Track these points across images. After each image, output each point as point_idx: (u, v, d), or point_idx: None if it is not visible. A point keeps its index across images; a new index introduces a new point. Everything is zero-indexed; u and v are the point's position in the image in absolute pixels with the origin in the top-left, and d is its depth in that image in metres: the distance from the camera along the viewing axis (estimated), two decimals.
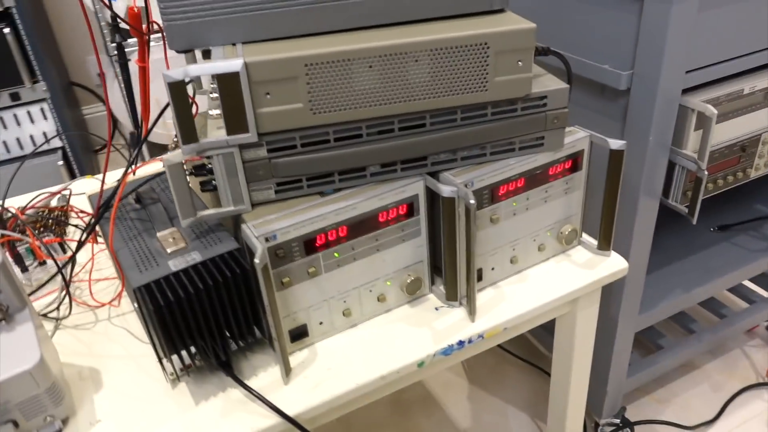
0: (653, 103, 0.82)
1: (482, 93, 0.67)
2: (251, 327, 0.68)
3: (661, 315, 1.10)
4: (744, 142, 0.94)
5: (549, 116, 0.72)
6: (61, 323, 0.79)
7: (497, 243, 0.78)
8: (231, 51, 0.63)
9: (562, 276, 0.81)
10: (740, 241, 1.22)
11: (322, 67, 0.62)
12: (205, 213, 0.66)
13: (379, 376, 0.69)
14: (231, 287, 0.63)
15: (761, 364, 1.37)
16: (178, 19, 0.62)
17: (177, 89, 0.58)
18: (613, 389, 1.14)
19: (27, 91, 1.77)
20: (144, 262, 0.64)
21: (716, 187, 0.95)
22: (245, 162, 0.65)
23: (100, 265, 0.89)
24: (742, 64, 0.87)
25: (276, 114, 0.63)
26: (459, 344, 0.73)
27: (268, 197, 0.68)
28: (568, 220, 0.83)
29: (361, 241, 0.70)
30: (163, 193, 0.77)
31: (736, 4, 0.81)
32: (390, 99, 0.65)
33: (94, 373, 0.72)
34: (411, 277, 0.75)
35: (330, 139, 0.66)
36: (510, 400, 1.33)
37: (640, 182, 0.89)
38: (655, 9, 0.77)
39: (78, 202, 1.01)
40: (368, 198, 0.68)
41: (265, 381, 0.68)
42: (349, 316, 0.74)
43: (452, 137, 0.70)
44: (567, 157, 0.78)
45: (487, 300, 0.78)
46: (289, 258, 0.66)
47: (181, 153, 0.62)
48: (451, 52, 0.64)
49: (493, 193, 0.74)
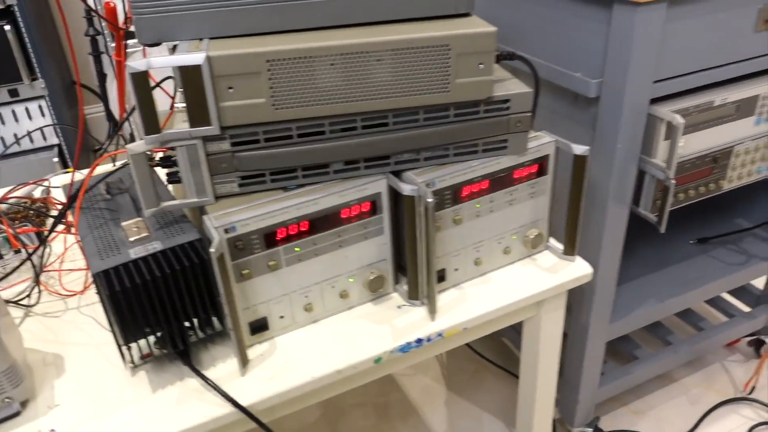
0: (621, 111, 0.83)
1: (444, 94, 0.69)
2: (211, 318, 0.69)
3: (634, 325, 1.10)
4: (715, 154, 0.95)
5: (512, 119, 0.73)
6: (31, 311, 0.81)
7: (460, 244, 0.79)
8: (196, 45, 0.65)
9: (526, 279, 0.82)
10: (718, 254, 1.22)
11: (284, 64, 0.63)
12: (168, 204, 0.68)
13: (335, 370, 0.70)
14: (189, 276, 0.65)
15: (741, 379, 1.36)
16: (147, 13, 0.64)
17: (140, 79, 0.60)
18: (585, 397, 1.14)
19: (25, 87, 1.79)
20: (106, 250, 0.66)
21: (688, 198, 0.96)
22: (209, 155, 0.66)
23: (76, 257, 0.91)
24: (712, 76, 0.88)
25: (238, 108, 0.64)
26: (417, 342, 0.74)
27: (232, 190, 0.70)
28: (534, 225, 0.84)
29: (323, 236, 0.71)
30: (133, 185, 0.79)
31: (705, 17, 0.82)
32: (352, 97, 0.67)
33: (58, 359, 0.73)
34: (373, 275, 0.76)
35: (293, 134, 0.68)
36: (486, 407, 1.34)
37: (609, 189, 0.90)
38: (621, 19, 0.78)
39: (60, 194, 1.03)
40: (330, 194, 0.70)
41: (223, 372, 0.70)
42: (311, 311, 0.75)
43: (415, 137, 0.71)
44: (533, 161, 0.79)
45: (450, 300, 0.79)
46: (249, 250, 0.67)
47: (143, 143, 0.63)
48: (413, 52, 0.66)
49: (456, 193, 0.75)
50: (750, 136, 0.97)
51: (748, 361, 1.41)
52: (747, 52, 0.89)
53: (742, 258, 1.22)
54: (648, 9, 0.76)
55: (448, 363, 1.46)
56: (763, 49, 0.90)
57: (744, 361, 1.42)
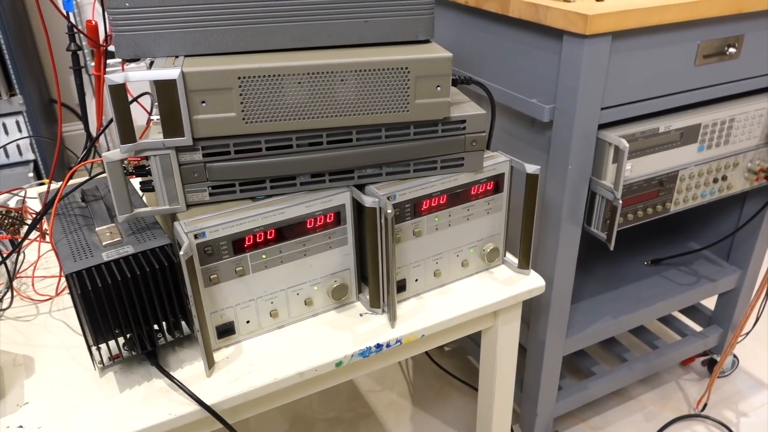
0: (571, 135, 0.89)
1: (404, 113, 0.74)
2: (179, 321, 0.72)
3: (590, 340, 1.15)
4: (662, 177, 1.01)
5: (468, 139, 0.79)
6: (3, 315, 0.83)
7: (420, 256, 0.83)
8: (171, 62, 0.69)
9: (483, 290, 0.86)
10: (671, 275, 1.29)
11: (254, 81, 0.68)
12: (141, 210, 0.71)
13: (296, 373, 0.73)
14: (158, 279, 0.68)
15: (694, 397, 1.42)
16: (125, 30, 0.68)
17: (117, 92, 0.64)
18: (544, 411, 1.18)
19: (3, 103, 1.82)
20: (80, 253, 0.69)
21: (636, 218, 1.02)
22: (181, 164, 0.70)
23: (49, 264, 0.93)
24: (656, 105, 0.95)
25: (210, 121, 0.69)
26: (377, 347, 0.77)
27: (203, 199, 0.73)
28: (491, 239, 0.89)
29: (289, 245, 0.75)
30: (108, 193, 0.82)
31: (647, 50, 0.89)
32: (318, 114, 0.71)
33: (28, 360, 0.75)
34: (337, 283, 0.80)
35: (262, 147, 0.72)
36: (451, 422, 1.37)
37: (563, 209, 0.95)
38: (571, 50, 0.85)
39: (35, 204, 1.05)
40: (296, 204, 0.74)
41: (189, 373, 0.72)
42: (276, 317, 0.78)
43: (377, 152, 0.76)
44: (488, 179, 0.84)
45: (409, 309, 0.83)
46: (218, 256, 0.71)
47: (118, 152, 0.67)
48: (375, 74, 0.71)
49: (416, 207, 0.80)
50: (694, 162, 1.04)
51: (702, 380, 1.47)
52: (688, 84, 0.96)
53: (693, 278, 1.28)
54: (594, 41, 0.83)
55: (415, 379, 1.49)
56: (703, 81, 0.98)
57: (698, 379, 1.47)
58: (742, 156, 1.09)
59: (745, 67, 1.00)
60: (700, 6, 0.87)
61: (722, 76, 0.99)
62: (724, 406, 1.40)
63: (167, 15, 0.68)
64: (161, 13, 0.68)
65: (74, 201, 0.81)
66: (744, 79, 1.01)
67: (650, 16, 0.84)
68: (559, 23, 0.84)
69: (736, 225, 1.28)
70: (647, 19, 0.84)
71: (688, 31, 0.91)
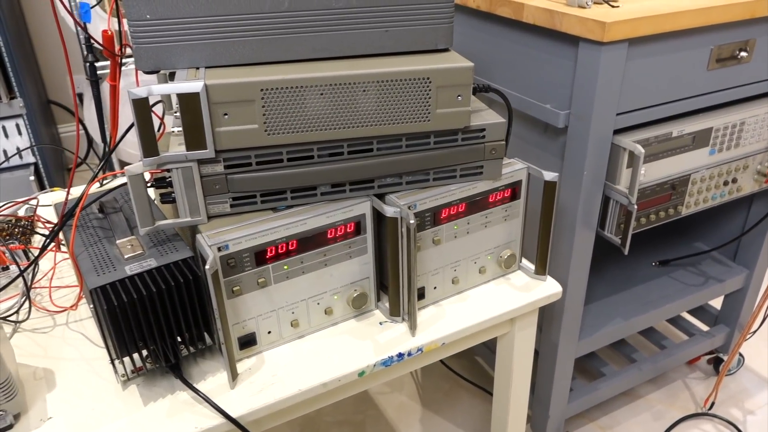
0: (587, 140, 0.89)
1: (425, 123, 0.74)
2: (202, 333, 0.72)
3: (601, 342, 1.16)
4: (674, 181, 1.02)
5: (487, 147, 0.79)
6: (20, 326, 0.82)
7: (439, 263, 0.83)
8: (194, 74, 0.69)
9: (500, 297, 0.87)
10: (679, 276, 1.30)
11: (277, 93, 0.67)
12: (162, 223, 0.71)
13: (320, 383, 0.73)
14: (183, 292, 0.68)
15: (701, 395, 1.43)
16: (146, 42, 0.68)
17: (140, 105, 0.63)
18: (556, 413, 1.19)
19: (3, 106, 1.80)
20: (102, 267, 0.68)
21: (649, 222, 1.03)
22: (203, 176, 0.70)
23: (62, 274, 0.93)
24: (670, 109, 0.95)
25: (233, 133, 0.68)
26: (399, 356, 0.78)
27: (224, 211, 0.73)
28: (507, 246, 0.89)
29: (310, 255, 0.75)
30: (126, 204, 0.82)
31: (662, 56, 0.89)
32: (340, 124, 0.71)
33: (48, 373, 0.75)
34: (357, 292, 0.80)
35: (283, 158, 0.72)
36: (461, 424, 1.37)
37: (577, 214, 0.95)
38: (587, 57, 0.85)
39: (44, 213, 1.05)
40: (317, 215, 0.74)
41: (213, 385, 0.72)
42: (297, 327, 0.78)
43: (397, 162, 0.76)
44: (506, 186, 0.84)
45: (429, 317, 0.83)
46: (240, 268, 0.71)
47: (141, 165, 0.67)
48: (397, 84, 0.71)
49: (436, 216, 0.80)
50: (705, 165, 1.04)
51: (708, 378, 1.48)
52: (701, 88, 0.97)
53: (701, 279, 1.29)
54: (611, 48, 0.83)
55: (424, 381, 1.50)
56: (715, 85, 0.98)
57: (704, 378, 1.48)
58: (751, 159, 1.09)
59: (755, 71, 1.01)
60: (714, 11, 0.88)
61: (734, 79, 0.99)
62: (730, 404, 1.41)
63: (188, 27, 0.68)
64: (182, 24, 0.68)
65: (91, 212, 0.80)
66: (755, 82, 1.02)
67: (666, 23, 0.84)
68: (576, 30, 0.84)
69: (743, 225, 1.29)
70: (663, 25, 0.84)
71: (702, 36, 0.91)
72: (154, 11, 0.66)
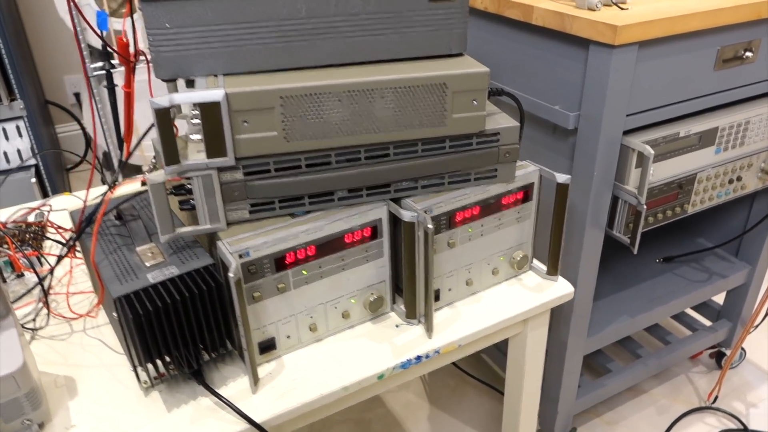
0: (597, 142, 0.90)
1: (441, 128, 0.75)
2: (223, 338, 0.73)
3: (608, 339, 1.17)
4: (681, 180, 1.03)
5: (501, 151, 0.80)
6: (37, 334, 0.83)
7: (454, 266, 0.84)
8: (213, 81, 0.69)
9: (514, 298, 0.88)
10: (682, 272, 1.31)
11: (297, 100, 0.68)
12: (183, 230, 0.71)
13: (341, 387, 0.74)
14: (206, 300, 0.68)
15: (704, 389, 1.45)
16: (165, 51, 0.68)
17: (162, 115, 0.64)
18: (564, 409, 1.20)
19: (4, 108, 1.79)
20: (124, 275, 0.69)
21: (656, 221, 1.04)
22: (222, 184, 0.70)
23: (75, 280, 0.93)
24: (678, 110, 0.96)
25: (252, 140, 0.69)
26: (417, 359, 0.78)
27: (243, 217, 0.74)
28: (519, 247, 0.90)
29: (328, 260, 0.76)
30: (142, 211, 0.82)
31: (671, 57, 0.90)
32: (357, 130, 0.72)
33: (69, 381, 0.75)
34: (374, 296, 0.81)
35: (302, 164, 0.72)
36: (468, 421, 1.39)
37: (587, 214, 0.97)
38: (598, 59, 0.86)
39: (55, 217, 1.05)
40: (335, 220, 0.74)
41: (234, 390, 0.73)
42: (315, 330, 0.79)
43: (414, 167, 0.77)
44: (519, 189, 0.85)
45: (444, 319, 0.84)
46: (261, 274, 0.71)
47: (163, 173, 0.67)
48: (414, 90, 0.71)
49: (451, 219, 0.81)
50: (711, 164, 1.06)
51: (710, 372, 1.50)
52: (707, 88, 0.98)
53: (705, 275, 1.30)
54: (622, 51, 0.84)
55: (430, 378, 1.51)
56: (721, 85, 0.99)
57: (706, 372, 1.51)
58: (756, 157, 1.11)
59: (760, 70, 1.02)
60: (722, 13, 0.89)
61: (739, 79, 1.01)
62: (733, 397, 1.43)
63: (207, 35, 0.68)
64: (201, 32, 0.68)
65: (108, 220, 0.81)
66: (759, 81, 1.03)
67: (676, 25, 0.85)
68: (586, 33, 0.85)
69: (745, 221, 1.31)
70: (674, 27, 0.85)
71: (709, 38, 0.92)
72: (174, 20, 0.66)
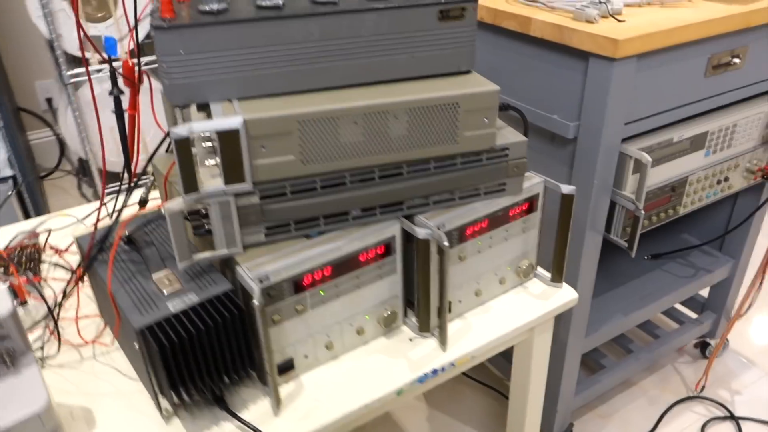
0: (597, 150, 0.92)
1: (453, 145, 0.75)
2: (245, 364, 0.73)
3: (604, 337, 1.20)
4: (674, 183, 1.06)
5: (510, 165, 0.81)
6: (46, 362, 0.81)
7: (464, 278, 0.86)
8: (229, 107, 0.68)
9: (521, 307, 0.89)
10: (670, 268, 1.35)
11: (314, 124, 0.68)
12: (200, 256, 0.71)
13: (363, 405, 0.75)
14: (228, 327, 0.68)
15: (691, 379, 1.50)
16: (179, 78, 0.67)
17: (182, 145, 0.63)
18: (563, 407, 1.24)
19: None
20: (143, 304, 0.68)
21: (651, 223, 1.07)
22: (239, 208, 0.70)
23: (80, 305, 0.91)
24: (673, 116, 0.99)
25: (270, 165, 0.68)
26: (433, 372, 0.80)
27: (258, 240, 0.73)
28: (525, 256, 0.92)
29: (344, 279, 0.76)
30: (153, 234, 0.81)
31: (666, 66, 0.93)
32: (372, 150, 0.72)
33: (86, 412, 0.74)
34: (387, 311, 0.82)
35: (317, 186, 0.73)
36: (467, 421, 1.41)
37: (586, 220, 0.99)
38: (598, 71, 0.87)
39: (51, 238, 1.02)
40: (352, 240, 0.75)
41: (256, 413, 0.73)
42: (332, 349, 0.80)
43: (426, 184, 0.77)
44: (524, 200, 0.87)
45: (456, 331, 0.86)
46: (280, 297, 0.72)
47: (181, 201, 0.66)
48: (427, 110, 0.72)
49: (461, 233, 0.82)
50: (701, 167, 1.09)
51: (695, 362, 1.55)
52: (699, 95, 1.01)
53: (691, 271, 1.35)
54: (623, 63, 0.85)
55: None
56: (711, 91, 1.02)
57: (692, 361, 1.56)
58: (742, 157, 1.15)
59: (747, 75, 1.05)
60: (715, 23, 0.91)
61: (728, 84, 1.04)
62: (718, 385, 1.48)
63: (221, 61, 0.67)
64: (215, 58, 0.67)
65: (118, 245, 0.79)
66: (746, 86, 1.07)
67: (672, 36, 0.88)
68: (586, 46, 0.87)
69: (728, 216, 1.35)
70: (670, 38, 0.87)
71: (701, 46, 0.95)
72: (188, 47, 0.65)
